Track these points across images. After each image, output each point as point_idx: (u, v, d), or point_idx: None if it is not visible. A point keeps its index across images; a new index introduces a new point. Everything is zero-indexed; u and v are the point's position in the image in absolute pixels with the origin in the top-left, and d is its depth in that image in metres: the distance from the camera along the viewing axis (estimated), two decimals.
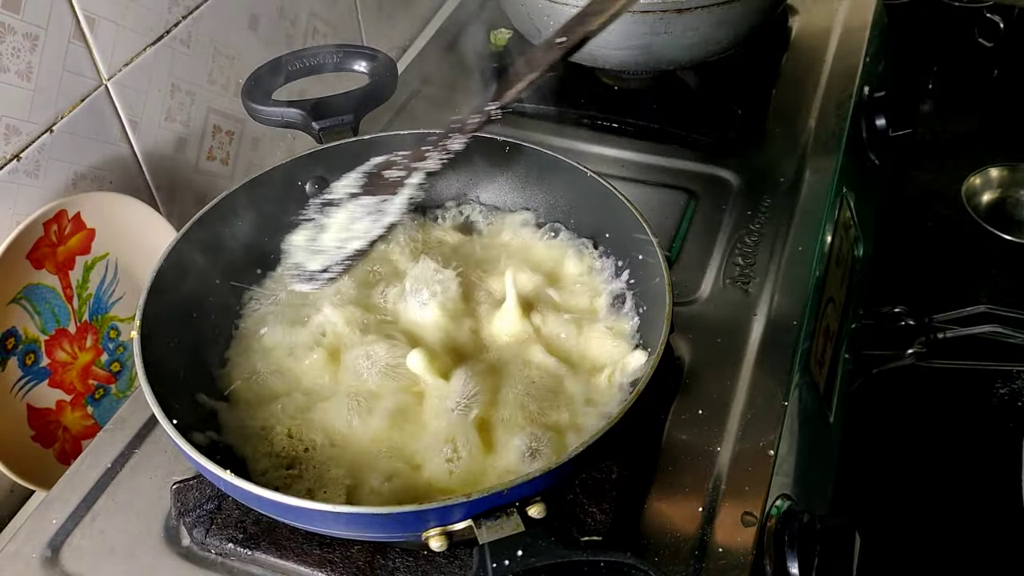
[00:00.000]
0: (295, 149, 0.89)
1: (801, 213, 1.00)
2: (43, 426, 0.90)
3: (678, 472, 0.76)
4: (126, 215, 0.95)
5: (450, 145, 0.76)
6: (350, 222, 0.78)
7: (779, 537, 0.73)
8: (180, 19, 1.02)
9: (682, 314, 0.89)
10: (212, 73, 1.08)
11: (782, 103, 1.17)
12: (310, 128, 0.89)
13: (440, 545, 0.61)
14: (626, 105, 1.15)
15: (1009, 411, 1.39)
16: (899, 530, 1.23)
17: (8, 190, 0.86)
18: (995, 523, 1.26)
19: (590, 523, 0.71)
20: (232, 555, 0.73)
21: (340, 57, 0.96)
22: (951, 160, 1.72)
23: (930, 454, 1.34)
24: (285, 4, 1.18)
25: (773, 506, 0.75)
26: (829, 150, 1.09)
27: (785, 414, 0.81)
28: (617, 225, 0.82)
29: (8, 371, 0.87)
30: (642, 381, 0.65)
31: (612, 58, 1.08)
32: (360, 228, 0.78)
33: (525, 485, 0.59)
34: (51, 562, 0.74)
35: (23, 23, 0.84)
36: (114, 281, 0.96)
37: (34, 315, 0.89)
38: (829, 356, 1.01)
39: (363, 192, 0.79)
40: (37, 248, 0.88)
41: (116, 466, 0.80)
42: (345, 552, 0.71)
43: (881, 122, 1.20)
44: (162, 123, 1.02)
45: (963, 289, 1.48)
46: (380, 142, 0.89)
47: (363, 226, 0.77)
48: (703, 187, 1.04)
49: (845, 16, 1.31)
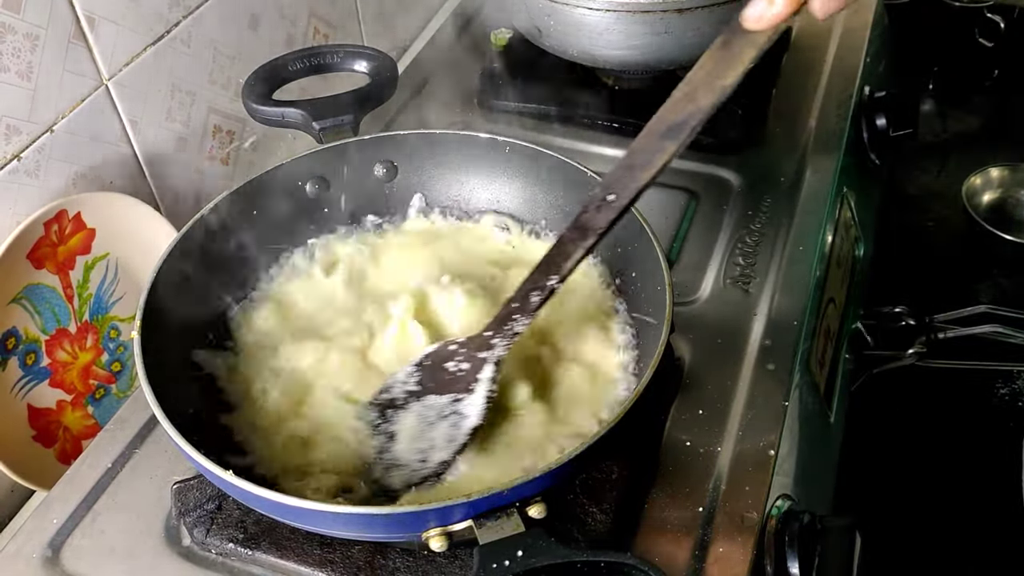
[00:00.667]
0: (295, 149, 0.89)
1: (801, 213, 1.00)
2: (44, 426, 0.90)
3: (678, 472, 0.76)
4: (126, 215, 0.95)
5: (514, 328, 0.70)
6: (423, 428, 0.70)
7: (779, 537, 0.73)
8: (180, 19, 1.02)
9: (682, 314, 0.89)
10: (212, 73, 1.08)
11: (783, 103, 1.17)
12: (310, 128, 0.90)
13: (440, 545, 0.61)
14: (627, 105, 1.15)
15: (1009, 411, 1.38)
16: (900, 530, 1.23)
17: (8, 190, 0.86)
18: (995, 523, 1.26)
19: (590, 523, 0.71)
20: (233, 555, 0.73)
21: (340, 57, 0.96)
22: (952, 160, 1.72)
23: (931, 454, 1.34)
24: (285, 4, 1.18)
25: (773, 506, 0.75)
26: (830, 150, 1.09)
27: (785, 414, 0.81)
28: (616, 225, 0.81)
29: (8, 371, 0.87)
30: (642, 382, 0.65)
31: (613, 58, 1.08)
32: (439, 436, 0.70)
33: (525, 485, 0.59)
34: (51, 562, 0.74)
35: (23, 23, 0.84)
36: (114, 281, 0.96)
37: (35, 315, 0.89)
38: (829, 356, 1.01)
39: (424, 390, 0.72)
40: (37, 248, 0.88)
41: (117, 466, 0.80)
42: (345, 552, 0.71)
43: (882, 122, 1.20)
44: (162, 123, 1.02)
45: (964, 289, 1.48)
46: (381, 142, 0.89)
47: (442, 433, 0.70)
48: (703, 187, 1.04)
49: (845, 16, 1.31)
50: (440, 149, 0.90)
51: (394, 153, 0.90)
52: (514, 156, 0.88)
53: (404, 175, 0.91)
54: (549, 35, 1.09)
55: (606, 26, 1.02)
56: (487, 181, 0.91)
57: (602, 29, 1.03)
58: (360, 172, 0.89)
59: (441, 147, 0.89)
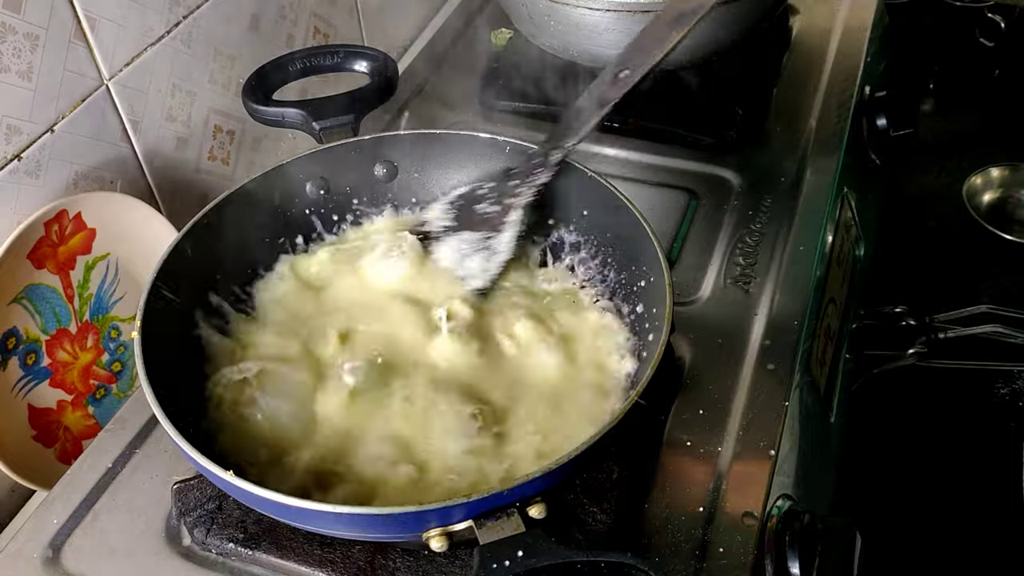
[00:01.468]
0: (296, 149, 0.89)
1: (802, 213, 1.00)
2: (44, 426, 0.90)
3: (679, 472, 0.76)
4: (127, 215, 0.95)
5: (537, 179, 0.80)
6: (459, 259, 0.82)
7: (780, 537, 0.73)
8: (181, 19, 1.02)
9: (683, 314, 0.89)
10: (213, 73, 1.08)
11: (783, 103, 1.17)
12: (310, 128, 0.90)
13: (440, 546, 0.61)
14: (627, 105, 1.14)
15: (1010, 411, 1.38)
16: (900, 530, 1.23)
17: (9, 190, 0.86)
18: (996, 523, 1.26)
19: (591, 523, 0.71)
20: (233, 555, 0.73)
21: (341, 57, 0.96)
22: (952, 160, 1.71)
23: (931, 454, 1.34)
24: (286, 4, 1.18)
25: (774, 506, 0.75)
26: (830, 150, 1.09)
27: (786, 414, 0.81)
28: (617, 225, 0.82)
29: (9, 371, 0.87)
30: (642, 382, 0.65)
31: (613, 58, 1.08)
32: (474, 266, 0.81)
33: (525, 485, 0.59)
34: (52, 562, 0.74)
35: (24, 23, 0.84)
36: (115, 281, 0.96)
37: (35, 315, 0.89)
38: (830, 356, 1.01)
39: (460, 226, 0.83)
40: (38, 248, 0.88)
41: (117, 466, 0.80)
42: (346, 552, 0.71)
43: (882, 122, 1.20)
44: (163, 123, 1.02)
45: (964, 289, 1.48)
46: (381, 142, 0.89)
47: (477, 264, 0.81)
48: (704, 187, 1.04)
49: (846, 16, 1.31)
50: (441, 149, 0.90)
51: (394, 153, 0.90)
52: (515, 156, 0.88)
53: (404, 175, 0.91)
54: (549, 35, 1.09)
55: (606, 26, 1.02)
56: (487, 180, 0.91)
57: (602, 29, 1.03)
58: (360, 172, 0.89)
59: (442, 147, 0.89)
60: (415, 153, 0.90)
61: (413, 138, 0.89)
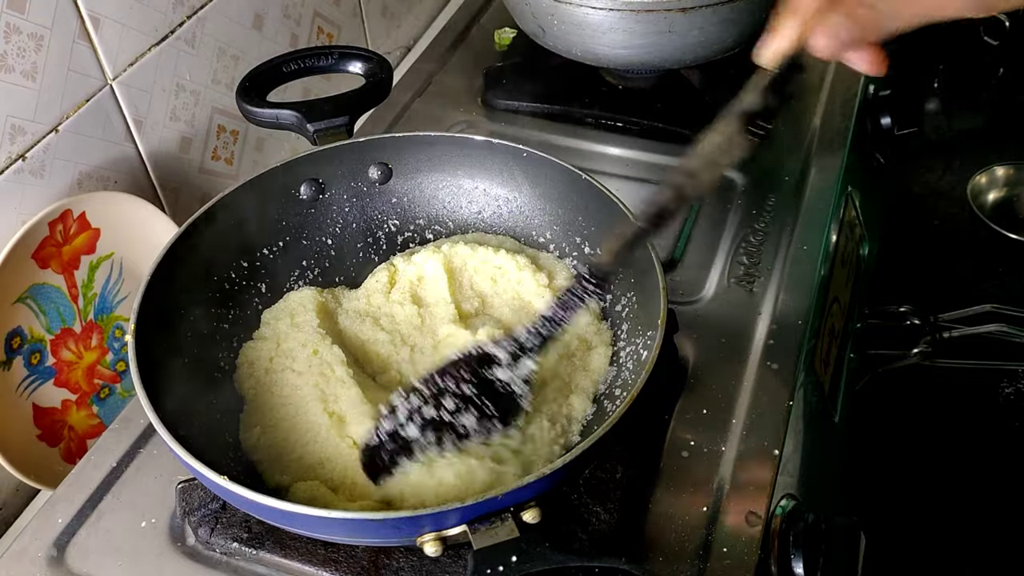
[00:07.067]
0: (299, 149, 0.89)
1: (806, 212, 1.00)
2: (49, 425, 0.91)
3: (682, 472, 0.76)
4: (131, 215, 0.95)
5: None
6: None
7: (784, 537, 0.73)
8: (185, 19, 1.02)
9: (686, 314, 0.88)
10: (216, 73, 1.08)
11: (786, 102, 1.16)
12: (304, 130, 0.89)
13: (435, 550, 0.60)
14: (630, 104, 1.14)
15: (1015, 410, 1.38)
16: (905, 530, 1.23)
17: (14, 190, 0.86)
18: (1001, 522, 1.26)
19: (594, 523, 0.71)
20: (237, 554, 0.73)
21: (335, 58, 0.95)
22: (957, 159, 1.71)
23: (936, 453, 1.34)
24: (289, 4, 1.18)
25: (778, 506, 0.75)
26: (834, 149, 1.09)
27: (790, 414, 0.80)
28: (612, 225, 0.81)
29: (14, 370, 0.88)
30: (637, 385, 0.65)
31: (617, 57, 1.08)
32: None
33: (519, 491, 0.59)
34: (56, 561, 0.74)
35: (28, 23, 0.84)
36: (119, 280, 0.97)
37: (40, 315, 0.89)
38: (834, 355, 1.01)
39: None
40: (42, 248, 0.88)
41: (121, 465, 0.80)
42: (349, 552, 0.71)
43: (886, 121, 1.20)
44: (167, 123, 1.03)
45: (969, 288, 1.47)
46: (375, 144, 0.89)
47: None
48: None
49: None
50: (435, 151, 0.89)
51: (388, 155, 0.90)
52: (509, 158, 0.88)
53: (399, 177, 0.90)
54: (553, 34, 1.09)
55: (610, 25, 1.02)
56: (483, 182, 0.91)
57: (606, 28, 1.03)
58: (355, 174, 0.89)
59: (436, 149, 0.89)
60: (409, 155, 0.90)
61: (408, 140, 0.89)
